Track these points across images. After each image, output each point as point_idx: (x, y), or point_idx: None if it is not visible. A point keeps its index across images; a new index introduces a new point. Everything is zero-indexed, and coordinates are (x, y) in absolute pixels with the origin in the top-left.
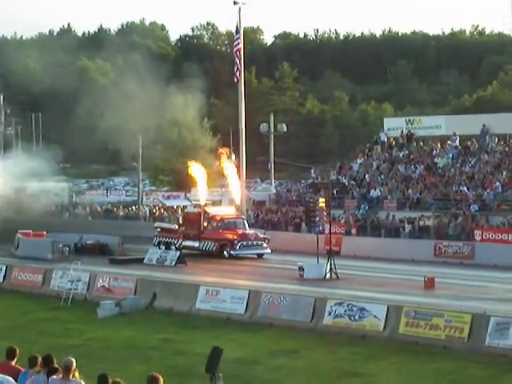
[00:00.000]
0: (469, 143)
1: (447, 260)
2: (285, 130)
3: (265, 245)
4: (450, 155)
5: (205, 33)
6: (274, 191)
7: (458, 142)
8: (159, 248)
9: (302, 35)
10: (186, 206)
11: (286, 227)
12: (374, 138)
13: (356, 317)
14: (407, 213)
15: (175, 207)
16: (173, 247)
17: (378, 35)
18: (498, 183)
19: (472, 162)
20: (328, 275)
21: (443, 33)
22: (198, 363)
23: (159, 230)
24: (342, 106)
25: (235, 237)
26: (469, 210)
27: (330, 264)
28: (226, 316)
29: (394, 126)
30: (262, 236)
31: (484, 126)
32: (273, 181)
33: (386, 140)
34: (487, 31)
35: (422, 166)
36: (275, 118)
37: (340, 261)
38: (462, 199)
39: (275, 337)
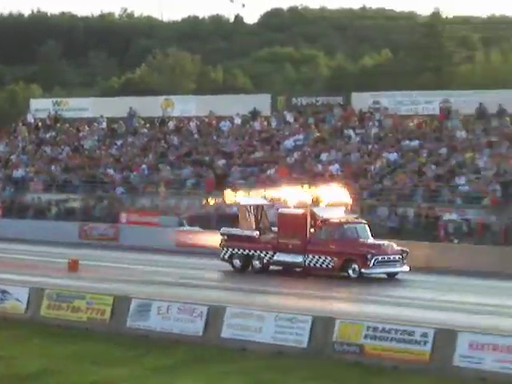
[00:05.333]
0: (116, 126)
1: (93, 242)
2: None
3: (404, 260)
4: (97, 137)
5: None
6: None
7: (105, 124)
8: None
9: None
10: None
11: None
12: (21, 119)
13: None
14: (54, 195)
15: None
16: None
17: (26, 15)
18: (144, 166)
19: (119, 144)
20: None
21: (92, 15)
22: None
23: (226, 237)
24: None
25: (369, 249)
26: (115, 192)
27: None
28: None
29: (41, 107)
30: (398, 249)
31: (131, 108)
32: None
33: (32, 121)
34: (136, 14)
35: (69, 148)
36: None
37: None
38: (108, 181)
39: None
